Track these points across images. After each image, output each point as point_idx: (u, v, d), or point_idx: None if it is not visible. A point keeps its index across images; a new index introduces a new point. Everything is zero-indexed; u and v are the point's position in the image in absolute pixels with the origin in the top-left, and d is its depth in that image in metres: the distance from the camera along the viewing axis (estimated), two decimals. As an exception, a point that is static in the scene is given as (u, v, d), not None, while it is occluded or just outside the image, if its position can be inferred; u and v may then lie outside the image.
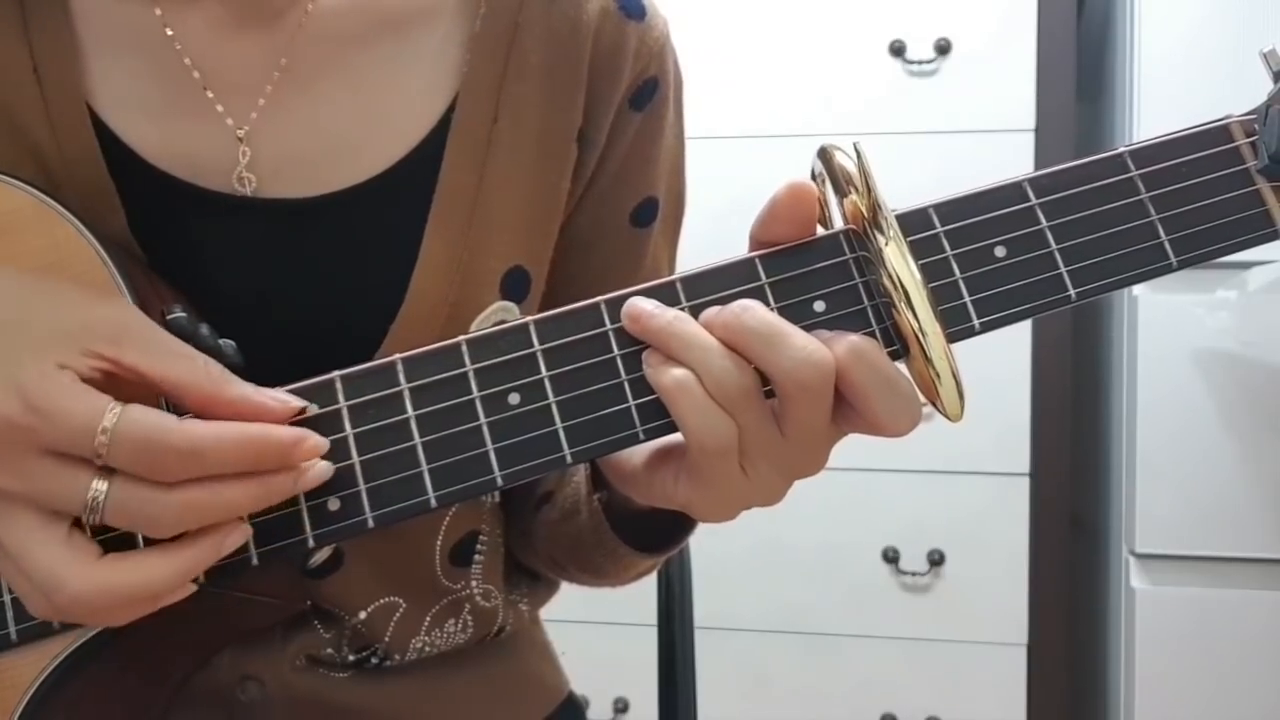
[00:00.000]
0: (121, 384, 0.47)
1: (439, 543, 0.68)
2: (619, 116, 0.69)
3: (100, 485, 0.45)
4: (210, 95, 0.63)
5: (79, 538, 0.47)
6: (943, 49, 1.70)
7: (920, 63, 1.71)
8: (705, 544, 1.14)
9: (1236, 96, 0.55)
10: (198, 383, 0.47)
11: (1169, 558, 1.59)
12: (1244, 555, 1.57)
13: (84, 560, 0.46)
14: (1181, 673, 1.58)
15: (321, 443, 0.48)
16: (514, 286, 0.66)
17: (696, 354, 0.48)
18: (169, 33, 0.62)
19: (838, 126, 1.71)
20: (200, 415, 0.48)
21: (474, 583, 0.70)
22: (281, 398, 0.49)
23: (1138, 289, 1.60)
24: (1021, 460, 1.69)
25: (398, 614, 0.67)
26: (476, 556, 0.70)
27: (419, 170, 0.64)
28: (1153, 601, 1.59)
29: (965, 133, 1.69)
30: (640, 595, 0.97)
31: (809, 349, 0.47)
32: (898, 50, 1.71)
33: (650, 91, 0.70)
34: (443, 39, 0.66)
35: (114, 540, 0.49)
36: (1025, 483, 1.69)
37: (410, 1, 0.66)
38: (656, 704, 0.97)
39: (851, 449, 0.58)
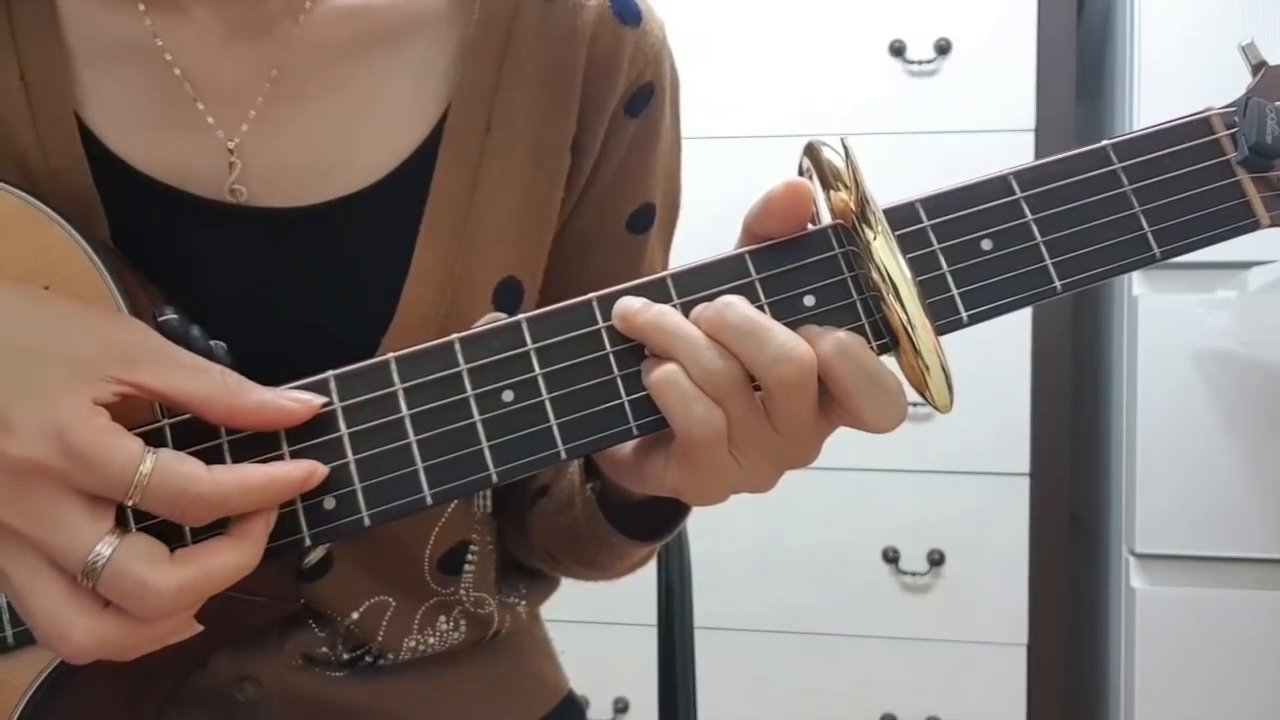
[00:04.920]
0: (134, 402, 0.47)
1: (428, 552, 0.68)
2: (614, 124, 0.69)
3: (103, 551, 0.45)
4: (201, 107, 0.63)
5: (84, 590, 0.46)
6: (943, 49, 1.70)
7: (920, 63, 1.71)
8: (705, 544, 1.14)
9: (1236, 96, 0.55)
10: (217, 395, 0.47)
11: (1169, 558, 1.59)
12: (1244, 555, 1.56)
13: (86, 612, 0.46)
14: (1181, 673, 1.57)
15: (324, 470, 0.48)
16: (506, 298, 0.66)
17: (682, 346, 0.48)
18: (159, 43, 0.62)
19: (838, 126, 1.71)
20: (224, 426, 0.48)
21: (465, 590, 0.70)
22: (301, 398, 0.49)
23: (1137, 289, 1.60)
24: (1021, 460, 1.68)
25: (389, 613, 0.67)
26: (467, 566, 0.70)
27: (411, 180, 0.64)
28: (1153, 601, 1.59)
29: (965, 133, 1.69)
30: (640, 595, 0.98)
31: (789, 345, 0.47)
32: (898, 50, 1.71)
33: (646, 98, 0.70)
34: (435, 47, 0.66)
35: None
36: (1025, 483, 1.69)
37: (403, 10, 0.65)
38: (656, 704, 0.97)
39: (851, 449, 0.58)
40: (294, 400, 0.48)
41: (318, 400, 0.49)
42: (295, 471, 0.48)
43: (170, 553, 0.46)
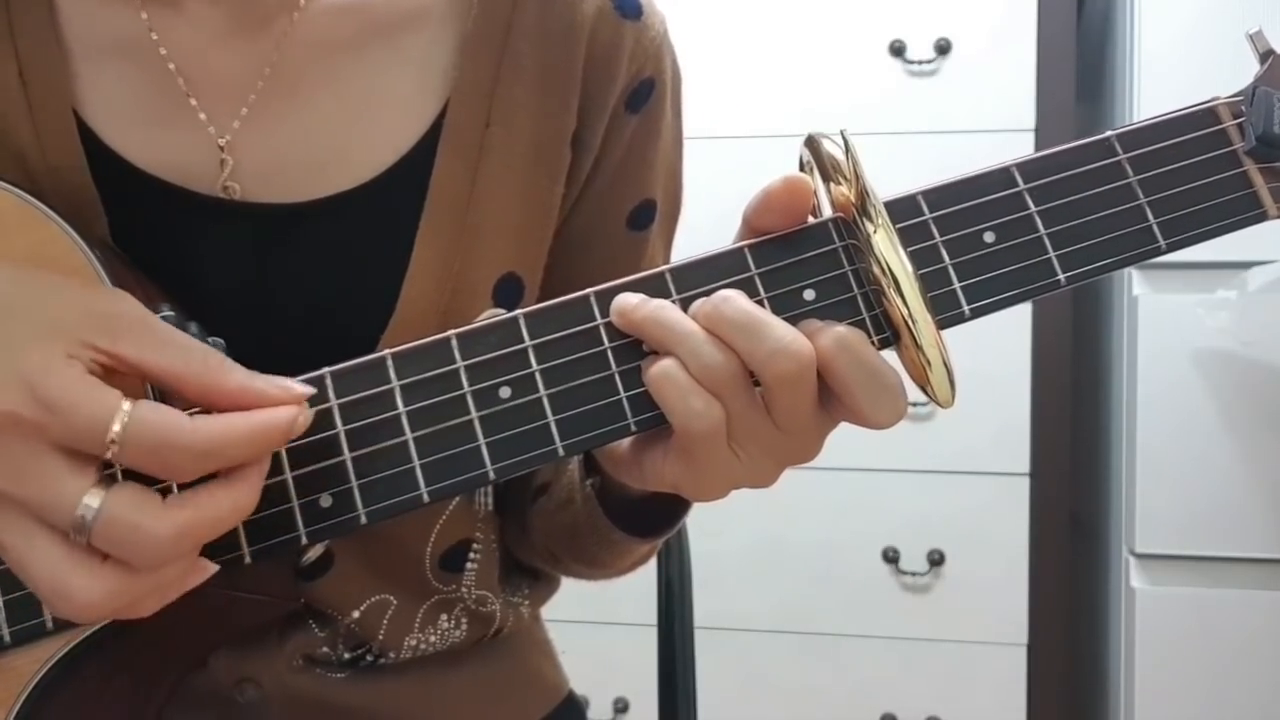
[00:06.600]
0: (116, 376, 0.46)
1: (429, 550, 0.68)
2: (614, 119, 0.68)
3: (91, 503, 0.43)
4: (194, 103, 0.62)
5: (78, 545, 0.45)
6: (943, 49, 1.70)
7: (920, 63, 1.71)
8: (705, 544, 1.14)
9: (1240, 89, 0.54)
10: (196, 373, 0.46)
11: (1169, 558, 1.59)
12: (1244, 555, 1.56)
13: (85, 567, 0.45)
14: (1181, 673, 1.57)
15: (309, 414, 0.47)
16: (506, 294, 0.66)
17: (680, 341, 0.47)
18: (155, 39, 0.62)
19: (838, 126, 1.69)
20: (203, 405, 0.47)
21: (466, 589, 0.70)
22: (283, 384, 0.47)
23: (1137, 288, 1.60)
24: (1021, 460, 1.68)
25: (390, 611, 0.67)
26: (469, 565, 0.70)
27: (410, 176, 0.63)
28: (1153, 601, 1.59)
29: (965, 133, 1.69)
30: (640, 595, 0.97)
31: (786, 339, 0.46)
32: (898, 50, 1.71)
33: (646, 93, 0.69)
34: (434, 42, 0.65)
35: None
36: (1025, 482, 1.69)
37: (401, 5, 0.65)
38: (656, 704, 0.96)
39: (852, 448, 0.58)
40: (277, 386, 0.47)
41: (300, 389, 0.47)
42: (281, 417, 0.46)
43: (162, 498, 0.45)
